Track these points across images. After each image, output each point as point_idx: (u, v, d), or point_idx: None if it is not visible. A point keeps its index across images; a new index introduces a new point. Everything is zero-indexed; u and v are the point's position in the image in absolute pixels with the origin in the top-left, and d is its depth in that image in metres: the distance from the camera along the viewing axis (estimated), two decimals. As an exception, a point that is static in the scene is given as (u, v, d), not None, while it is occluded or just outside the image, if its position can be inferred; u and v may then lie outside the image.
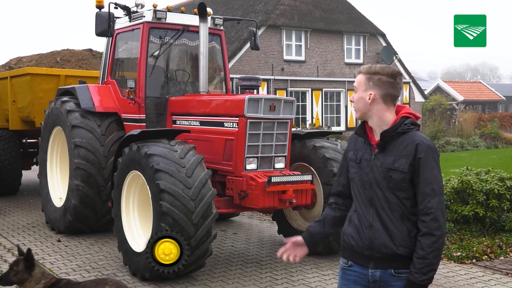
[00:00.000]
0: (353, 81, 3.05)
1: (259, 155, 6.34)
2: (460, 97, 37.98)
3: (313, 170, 6.80)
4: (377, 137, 2.86)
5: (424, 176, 2.71)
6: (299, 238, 3.01)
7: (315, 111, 25.42)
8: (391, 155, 2.76)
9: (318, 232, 3.04)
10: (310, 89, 25.21)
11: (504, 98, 42.89)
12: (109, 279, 4.36)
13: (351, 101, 2.98)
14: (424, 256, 2.67)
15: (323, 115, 25.69)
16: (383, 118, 2.83)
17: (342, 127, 26.13)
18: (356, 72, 2.99)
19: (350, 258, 2.89)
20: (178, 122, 7.26)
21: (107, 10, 7.52)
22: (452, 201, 7.79)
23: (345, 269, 2.93)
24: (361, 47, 26.74)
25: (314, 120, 25.21)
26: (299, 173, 6.55)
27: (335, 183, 3.14)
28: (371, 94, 2.83)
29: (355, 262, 2.87)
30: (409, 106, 28.62)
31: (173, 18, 7.56)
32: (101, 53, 9.72)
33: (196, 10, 7.30)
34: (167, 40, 7.56)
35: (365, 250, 2.79)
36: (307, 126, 23.56)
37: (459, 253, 6.77)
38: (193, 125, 6.93)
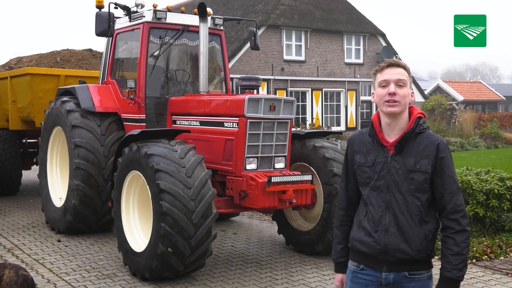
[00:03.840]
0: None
1: (259, 155, 6.34)
2: (460, 97, 37.97)
3: (313, 170, 6.80)
4: (391, 138, 2.76)
5: (450, 174, 2.72)
6: (345, 278, 2.93)
7: (315, 111, 25.43)
8: (411, 156, 2.71)
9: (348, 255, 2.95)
10: (310, 89, 25.22)
11: (504, 98, 42.89)
12: (8, 263, 4.47)
13: (393, 93, 2.69)
14: (459, 252, 2.68)
15: (323, 115, 25.70)
16: (405, 118, 2.78)
17: (342, 127, 26.14)
18: (389, 62, 2.76)
19: (362, 261, 2.80)
20: (178, 122, 7.26)
21: (107, 10, 7.52)
22: (452, 201, 7.78)
23: (356, 272, 2.83)
24: (361, 47, 26.75)
25: (314, 120, 25.21)
26: (299, 173, 6.55)
27: (341, 190, 2.99)
28: (412, 93, 2.82)
29: (367, 266, 2.79)
30: (409, 106, 28.68)
31: (173, 18, 7.56)
32: (101, 53, 9.72)
33: (196, 10, 7.30)
34: (167, 40, 7.56)
35: (379, 255, 2.73)
36: (307, 126, 23.56)
37: (459, 253, 6.76)
38: (193, 125, 6.93)
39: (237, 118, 6.26)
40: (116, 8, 7.69)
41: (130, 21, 7.70)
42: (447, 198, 2.71)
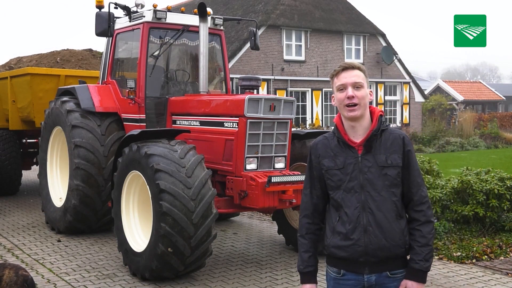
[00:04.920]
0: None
1: (259, 155, 6.34)
2: (460, 97, 37.96)
3: (313, 170, 6.78)
4: (356, 139, 2.79)
5: (415, 167, 2.80)
6: (315, 287, 2.90)
7: (315, 111, 25.42)
8: (381, 153, 2.75)
9: (316, 264, 2.94)
10: (310, 89, 25.22)
11: (504, 98, 42.86)
12: (8, 263, 4.47)
13: (351, 96, 2.73)
14: (426, 244, 2.75)
15: (323, 115, 25.69)
16: (368, 118, 2.82)
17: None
18: (343, 65, 2.80)
19: (342, 267, 2.80)
20: (178, 122, 7.26)
21: (107, 10, 7.53)
22: (452, 201, 7.79)
23: (338, 279, 2.82)
24: (361, 47, 26.75)
25: (314, 120, 25.21)
26: (299, 173, 6.54)
27: (306, 197, 2.92)
28: (371, 92, 2.85)
29: (348, 270, 2.78)
30: (409, 106, 28.67)
31: (173, 18, 7.56)
32: (101, 53, 9.72)
33: (196, 10, 7.31)
34: (167, 40, 7.56)
35: (360, 257, 2.73)
36: (307, 126, 23.56)
37: (459, 253, 6.77)
38: (193, 125, 6.93)
39: (237, 118, 6.25)
40: (116, 8, 7.69)
41: (130, 21, 7.70)
42: (413, 190, 2.79)
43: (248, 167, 6.29)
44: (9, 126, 10.80)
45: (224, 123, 6.46)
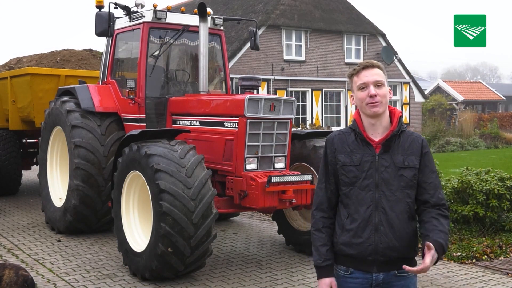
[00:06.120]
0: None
1: (259, 155, 6.34)
2: (460, 97, 37.98)
3: (313, 170, 6.79)
4: (375, 137, 2.78)
5: (432, 169, 2.79)
6: (334, 281, 2.85)
7: (315, 111, 25.42)
8: (399, 154, 2.75)
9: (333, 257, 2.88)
10: (310, 89, 25.21)
11: (504, 98, 42.89)
12: (8, 263, 4.48)
13: (374, 94, 2.71)
14: (446, 231, 2.71)
15: (323, 115, 25.69)
16: (387, 117, 2.82)
17: (342, 127, 26.10)
18: (364, 64, 2.78)
19: (350, 265, 2.78)
20: (178, 122, 7.26)
21: (107, 10, 7.53)
22: (452, 201, 7.79)
23: (345, 277, 2.81)
24: (361, 47, 26.74)
25: (314, 120, 25.21)
26: (299, 173, 6.55)
27: (321, 191, 2.90)
28: (390, 90, 2.84)
29: (356, 269, 2.77)
30: (409, 106, 28.67)
31: (173, 18, 7.56)
32: (101, 53, 9.72)
33: (196, 10, 7.31)
34: (167, 40, 7.56)
35: (368, 256, 2.72)
36: (307, 126, 23.56)
37: (459, 253, 6.77)
38: (193, 125, 6.94)
39: (237, 118, 6.26)
40: (116, 8, 7.69)
41: (130, 21, 7.70)
42: (430, 192, 2.77)
43: (248, 167, 6.29)
44: (9, 126, 10.80)
45: (224, 123, 6.46)
